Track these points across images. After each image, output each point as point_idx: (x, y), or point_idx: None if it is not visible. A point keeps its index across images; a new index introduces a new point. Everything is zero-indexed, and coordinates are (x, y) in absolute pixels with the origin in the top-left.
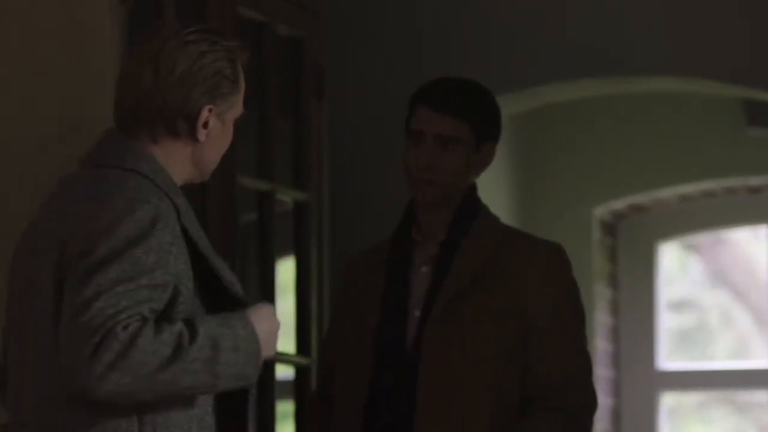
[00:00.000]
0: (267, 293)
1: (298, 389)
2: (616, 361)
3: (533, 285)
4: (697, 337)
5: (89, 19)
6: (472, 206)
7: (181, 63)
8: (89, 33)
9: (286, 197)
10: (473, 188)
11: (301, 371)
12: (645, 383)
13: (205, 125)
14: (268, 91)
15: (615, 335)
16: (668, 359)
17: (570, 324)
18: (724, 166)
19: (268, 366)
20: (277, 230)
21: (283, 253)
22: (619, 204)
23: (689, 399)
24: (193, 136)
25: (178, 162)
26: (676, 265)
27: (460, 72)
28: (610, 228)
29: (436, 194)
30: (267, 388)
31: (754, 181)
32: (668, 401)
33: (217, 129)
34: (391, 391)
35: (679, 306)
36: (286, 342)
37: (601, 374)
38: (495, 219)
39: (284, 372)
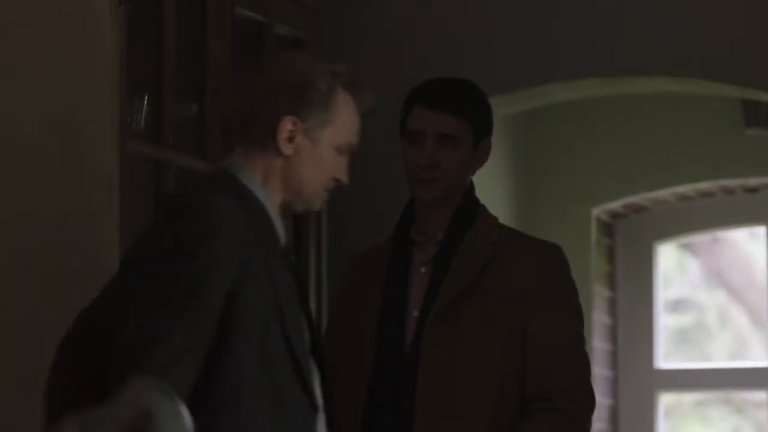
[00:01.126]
0: None
1: None
2: (614, 360)
3: (531, 285)
4: (694, 336)
5: (88, 19)
6: (470, 206)
7: (269, 74)
8: (88, 33)
9: None
10: (471, 188)
11: None
12: (643, 383)
13: (291, 140)
14: None
15: (613, 335)
16: (666, 359)
17: (568, 324)
18: (722, 167)
19: None
20: None
21: None
22: (618, 204)
23: (687, 398)
24: (276, 148)
25: (271, 176)
26: (674, 265)
27: (461, 72)
28: (608, 228)
29: (438, 193)
30: None
31: (752, 181)
32: (666, 401)
33: (307, 148)
34: (391, 391)
35: (677, 306)
36: None
37: (600, 374)
38: (493, 219)
39: None
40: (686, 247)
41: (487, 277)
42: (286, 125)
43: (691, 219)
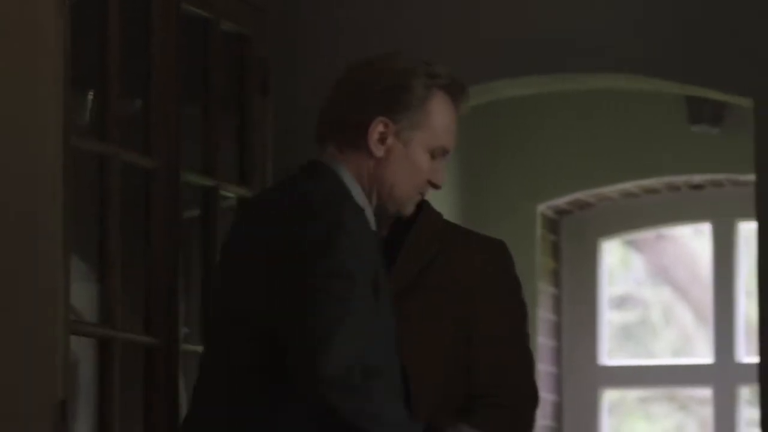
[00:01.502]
0: (210, 290)
1: None
2: (558, 357)
3: (476, 282)
4: (639, 333)
5: (33, 14)
6: None
7: (365, 73)
8: (34, 28)
9: (230, 193)
10: None
11: None
12: (587, 379)
13: (383, 141)
14: (212, 87)
15: (557, 331)
16: (610, 355)
17: (513, 321)
18: (667, 164)
19: None
20: (220, 226)
21: None
22: (563, 201)
23: (631, 395)
24: (368, 149)
25: (364, 177)
26: (618, 262)
27: None
28: (553, 224)
29: None
30: None
31: (697, 178)
32: (610, 397)
33: (398, 150)
34: None
35: (622, 302)
36: None
37: (543, 370)
38: (437, 215)
39: None
40: (631, 244)
41: (432, 273)
42: (378, 126)
43: (636, 216)
